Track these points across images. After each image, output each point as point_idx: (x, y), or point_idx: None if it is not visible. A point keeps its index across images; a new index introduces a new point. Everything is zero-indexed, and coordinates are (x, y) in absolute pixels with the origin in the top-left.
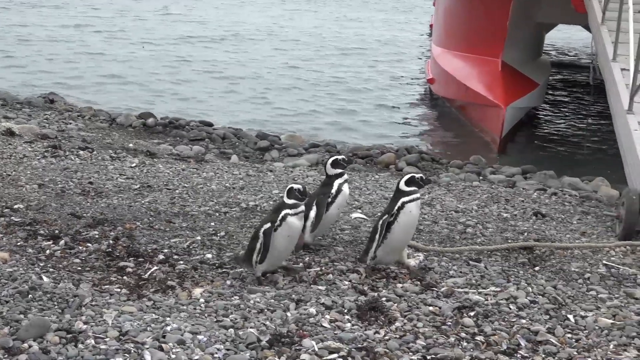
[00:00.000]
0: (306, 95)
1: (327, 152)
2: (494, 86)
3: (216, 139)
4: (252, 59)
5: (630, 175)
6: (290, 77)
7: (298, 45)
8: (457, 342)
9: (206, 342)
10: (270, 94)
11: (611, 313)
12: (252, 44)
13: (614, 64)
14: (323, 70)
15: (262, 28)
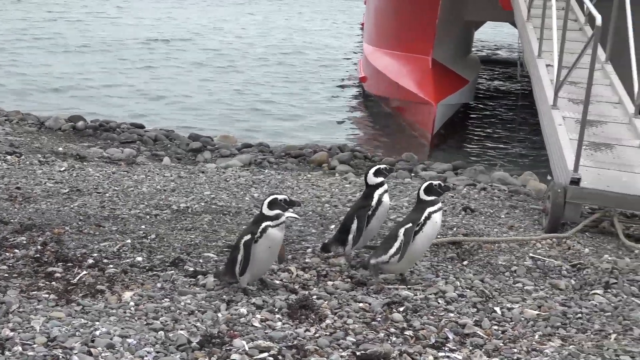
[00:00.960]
0: (239, 95)
1: (260, 151)
2: (424, 83)
3: (148, 141)
4: (188, 59)
5: (555, 169)
6: (223, 78)
7: (232, 45)
8: (386, 338)
9: (136, 345)
10: (204, 95)
11: (537, 304)
12: (188, 44)
13: (539, 60)
14: (256, 68)
15: (200, 28)
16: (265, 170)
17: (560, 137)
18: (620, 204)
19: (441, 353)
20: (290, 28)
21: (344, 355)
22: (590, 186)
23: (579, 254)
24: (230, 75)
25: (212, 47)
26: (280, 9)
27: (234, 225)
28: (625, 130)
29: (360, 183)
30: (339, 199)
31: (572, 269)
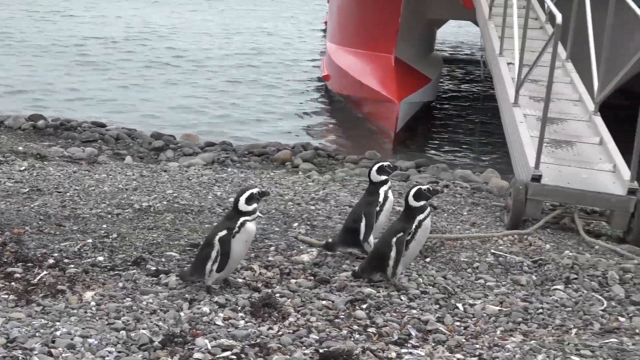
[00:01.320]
0: (203, 94)
1: (223, 150)
2: (387, 82)
3: (109, 140)
4: (150, 60)
5: (517, 166)
6: (186, 78)
7: (195, 45)
8: (349, 335)
9: (97, 345)
10: (166, 94)
11: (498, 300)
12: (151, 44)
13: (501, 58)
14: (219, 68)
15: (164, 28)
16: (228, 168)
17: (522, 135)
18: (580, 200)
19: (404, 350)
20: (252, 28)
21: (307, 353)
22: (551, 183)
23: (540, 250)
24: (192, 75)
25: (175, 47)
26: (241, 8)
27: (196, 224)
28: (585, 127)
29: (324, 181)
30: (302, 197)
31: (534, 265)
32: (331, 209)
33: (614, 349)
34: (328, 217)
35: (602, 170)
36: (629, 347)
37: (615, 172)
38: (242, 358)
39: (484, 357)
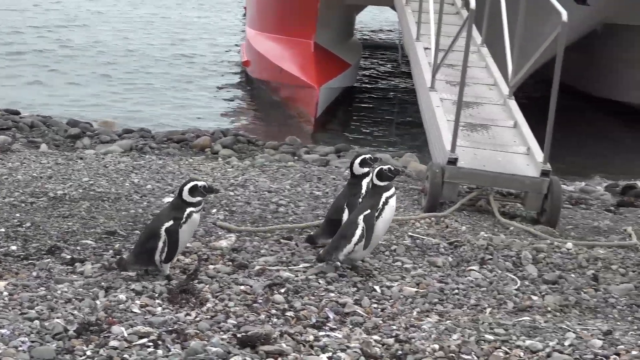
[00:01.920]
0: (121, 80)
1: (142, 137)
2: (307, 67)
3: (24, 127)
4: (69, 48)
5: (434, 149)
6: (104, 65)
7: (114, 33)
8: (267, 319)
9: (9, 336)
10: (84, 81)
11: (415, 282)
12: (70, 33)
13: (418, 43)
14: (137, 54)
15: (81, 18)
16: (146, 155)
17: (438, 119)
18: (495, 182)
19: (322, 332)
20: (172, 14)
21: (225, 338)
22: (467, 166)
23: (457, 232)
24: (110, 63)
25: (94, 35)
26: None
27: (113, 211)
28: (500, 111)
29: (243, 167)
30: (221, 183)
31: (450, 246)
32: (250, 194)
33: (526, 327)
34: (247, 203)
35: (516, 153)
36: (541, 325)
37: (529, 155)
38: (159, 345)
39: (400, 337)
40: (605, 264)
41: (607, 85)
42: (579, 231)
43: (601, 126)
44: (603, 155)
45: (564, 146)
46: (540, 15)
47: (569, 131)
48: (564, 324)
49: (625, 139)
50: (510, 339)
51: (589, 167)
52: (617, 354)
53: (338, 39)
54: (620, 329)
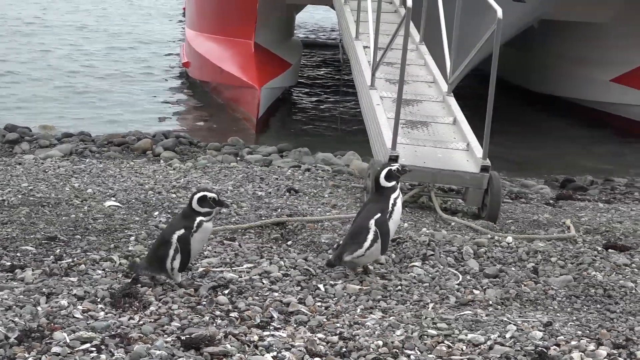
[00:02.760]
0: (59, 83)
1: (82, 141)
2: (247, 68)
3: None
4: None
5: (375, 147)
6: (38, 66)
7: (46, 32)
8: (211, 321)
9: None
10: (19, 84)
11: (359, 279)
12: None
13: (357, 42)
14: (73, 56)
15: (26, 21)
16: (86, 159)
17: (379, 116)
18: (436, 179)
19: (266, 332)
20: (110, 14)
21: (169, 341)
22: (407, 163)
23: (399, 229)
24: (45, 64)
25: (26, 34)
26: None
27: (53, 216)
28: (439, 108)
29: (185, 169)
30: (162, 186)
31: (392, 243)
32: None
33: (469, 321)
34: None
35: (456, 149)
36: (483, 318)
37: (469, 151)
38: (102, 349)
39: (344, 335)
40: (545, 257)
41: (544, 81)
42: (519, 225)
43: (540, 121)
44: (542, 150)
45: (503, 141)
46: (477, 12)
47: (509, 126)
48: (505, 317)
49: (563, 133)
50: (452, 333)
51: (529, 161)
52: (557, 345)
53: (278, 38)
54: (560, 320)
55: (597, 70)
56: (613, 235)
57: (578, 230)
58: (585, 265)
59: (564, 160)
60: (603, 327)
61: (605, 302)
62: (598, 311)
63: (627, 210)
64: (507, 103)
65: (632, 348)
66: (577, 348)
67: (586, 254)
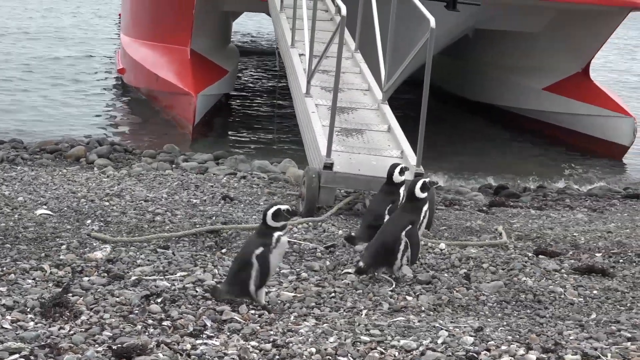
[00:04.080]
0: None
1: (13, 148)
2: (184, 74)
3: None
4: None
5: (310, 155)
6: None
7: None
8: (144, 330)
9: None
10: None
11: (293, 287)
12: None
13: (293, 49)
14: (12, 60)
15: None
16: (17, 167)
17: (314, 124)
18: (370, 186)
19: (199, 340)
20: (43, 20)
21: (100, 351)
22: (342, 170)
23: (334, 236)
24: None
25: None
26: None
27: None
28: (374, 115)
29: (119, 176)
30: (95, 193)
31: (327, 250)
32: (126, 204)
33: (401, 327)
34: (123, 213)
35: (390, 157)
36: (415, 324)
37: (403, 158)
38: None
39: (277, 342)
40: (477, 263)
41: (480, 89)
42: (452, 232)
43: (475, 129)
44: (477, 157)
45: (439, 149)
46: (411, 21)
47: (444, 134)
48: (437, 323)
49: (497, 141)
50: (385, 339)
51: (464, 169)
52: (487, 350)
53: (215, 45)
54: (491, 325)
55: (530, 79)
56: (544, 241)
57: (510, 236)
58: (516, 271)
59: (498, 168)
60: (533, 331)
61: (535, 307)
62: (528, 316)
63: (558, 217)
64: (443, 111)
65: (560, 352)
66: (507, 353)
67: (517, 260)
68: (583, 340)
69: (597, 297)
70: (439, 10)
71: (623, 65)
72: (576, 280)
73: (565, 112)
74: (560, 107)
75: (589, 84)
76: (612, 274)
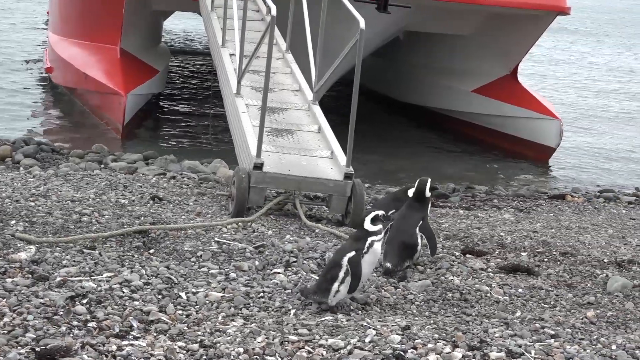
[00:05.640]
0: None
1: None
2: (113, 74)
3: None
4: None
5: (240, 155)
6: None
7: None
8: (68, 331)
9: None
10: None
11: (221, 287)
12: None
13: (223, 50)
14: None
15: None
16: None
17: (244, 124)
18: (300, 186)
19: (125, 342)
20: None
21: (23, 353)
22: (272, 170)
23: (263, 236)
24: None
25: None
26: None
27: None
28: (305, 116)
29: (45, 176)
30: (21, 194)
31: (256, 250)
32: (52, 204)
33: (329, 326)
34: (49, 213)
35: (320, 157)
36: (344, 323)
37: (333, 159)
38: None
39: (205, 343)
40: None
41: (411, 91)
42: None
43: (406, 130)
44: (408, 158)
45: (370, 150)
46: (342, 22)
47: (376, 135)
48: (365, 322)
49: (428, 142)
50: (313, 338)
51: (395, 169)
52: (414, 348)
53: (145, 44)
54: (418, 324)
55: (459, 81)
56: (471, 240)
57: (438, 236)
58: (443, 270)
59: (428, 168)
60: (459, 329)
61: (462, 305)
62: (455, 314)
63: (485, 217)
64: (374, 112)
65: (485, 349)
66: (434, 351)
67: (444, 259)
68: (508, 337)
69: (522, 295)
70: (370, 12)
71: (551, 68)
72: (502, 279)
73: (494, 114)
74: (489, 109)
75: (516, 86)
76: (537, 272)
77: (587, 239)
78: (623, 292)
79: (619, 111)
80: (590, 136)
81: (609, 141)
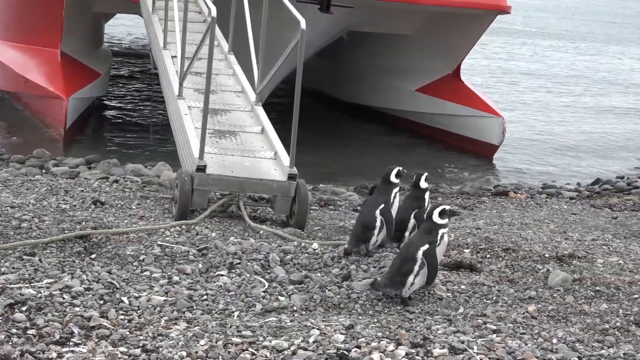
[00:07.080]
0: None
1: None
2: (54, 77)
3: None
4: None
5: (183, 157)
6: None
7: None
8: (7, 339)
9: None
10: None
11: (164, 290)
12: None
13: (165, 51)
14: None
15: None
16: None
17: (186, 126)
18: (243, 187)
19: (65, 348)
20: None
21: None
22: (215, 172)
23: (207, 239)
24: None
25: None
26: None
27: None
28: (248, 117)
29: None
30: None
31: (199, 253)
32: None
33: (273, 327)
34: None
35: (264, 158)
36: (287, 324)
37: (277, 159)
38: None
39: (147, 347)
40: (350, 261)
41: (355, 91)
42: (326, 232)
43: (351, 130)
44: (353, 158)
45: (315, 150)
46: (284, 23)
47: (321, 136)
48: (309, 322)
49: (373, 142)
50: (257, 340)
51: (340, 170)
52: (358, 347)
53: (86, 47)
54: (362, 323)
55: (402, 81)
56: None
57: None
58: (386, 269)
59: (374, 168)
60: (402, 327)
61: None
62: (398, 312)
63: None
64: (319, 113)
65: (429, 346)
66: (377, 349)
67: (388, 258)
68: (451, 334)
69: (465, 291)
70: (313, 13)
71: (493, 65)
72: (445, 276)
73: (438, 112)
74: (432, 108)
75: (459, 85)
76: (479, 269)
77: (529, 235)
78: (564, 286)
79: (561, 106)
80: (533, 132)
81: (552, 137)
